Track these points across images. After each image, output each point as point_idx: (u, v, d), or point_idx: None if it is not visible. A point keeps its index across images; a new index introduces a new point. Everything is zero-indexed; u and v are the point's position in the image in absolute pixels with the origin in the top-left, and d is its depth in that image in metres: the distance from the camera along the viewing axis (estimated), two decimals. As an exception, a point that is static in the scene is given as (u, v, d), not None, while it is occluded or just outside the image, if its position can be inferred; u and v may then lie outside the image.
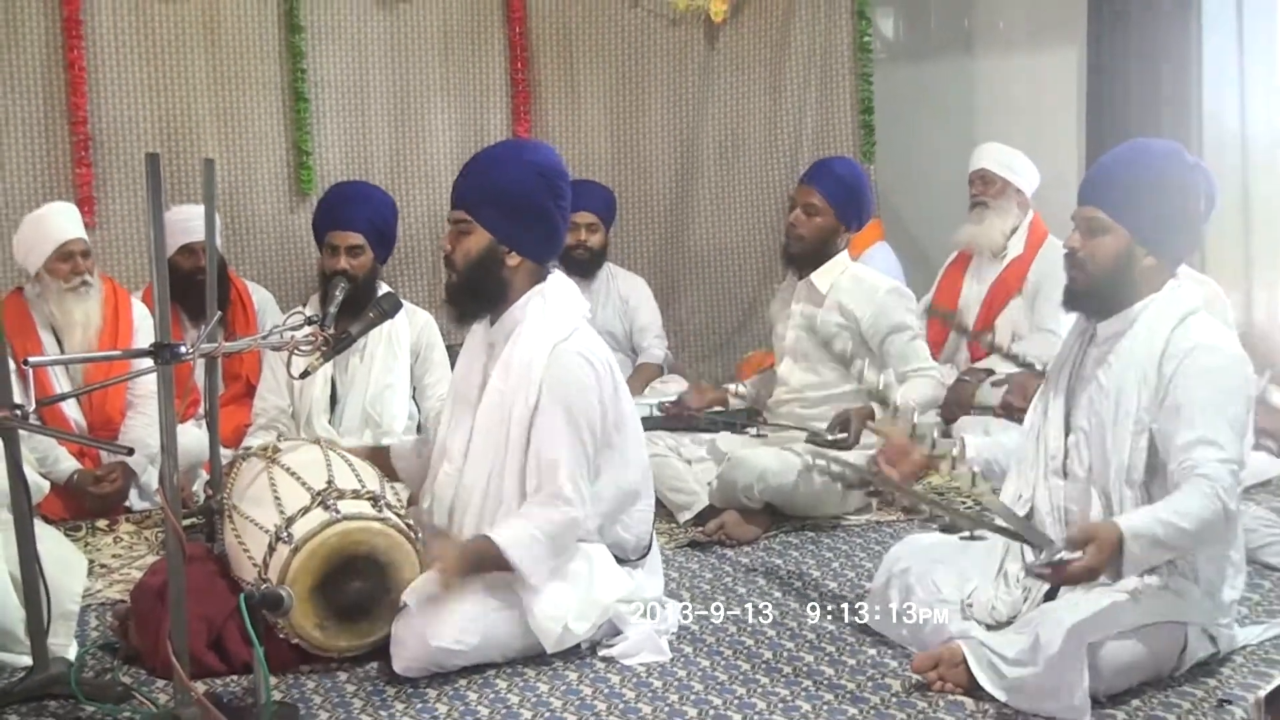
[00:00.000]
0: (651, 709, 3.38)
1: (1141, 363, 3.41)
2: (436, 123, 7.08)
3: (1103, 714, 3.23)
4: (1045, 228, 6.36)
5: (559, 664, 3.67)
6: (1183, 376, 3.33)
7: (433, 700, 3.45)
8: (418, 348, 5.31)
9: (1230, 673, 3.48)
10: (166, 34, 6.50)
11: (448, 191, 3.98)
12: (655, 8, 7.44)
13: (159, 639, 3.42)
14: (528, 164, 3.86)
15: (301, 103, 6.72)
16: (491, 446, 3.79)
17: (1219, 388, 3.30)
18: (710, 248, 7.66)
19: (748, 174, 7.63)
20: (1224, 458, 3.23)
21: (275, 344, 3.70)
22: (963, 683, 3.36)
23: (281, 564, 3.54)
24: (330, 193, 5.55)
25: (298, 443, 4.16)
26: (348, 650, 3.66)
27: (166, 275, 3.17)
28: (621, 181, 7.26)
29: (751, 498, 4.97)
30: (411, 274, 7.00)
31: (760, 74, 7.62)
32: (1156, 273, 3.49)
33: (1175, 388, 3.34)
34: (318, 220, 5.31)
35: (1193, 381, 3.32)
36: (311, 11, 6.76)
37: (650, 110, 7.51)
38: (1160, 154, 3.54)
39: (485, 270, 3.83)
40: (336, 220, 5.16)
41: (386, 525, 3.67)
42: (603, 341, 3.91)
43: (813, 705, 3.37)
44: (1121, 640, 3.28)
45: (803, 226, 5.24)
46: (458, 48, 7.11)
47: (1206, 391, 3.30)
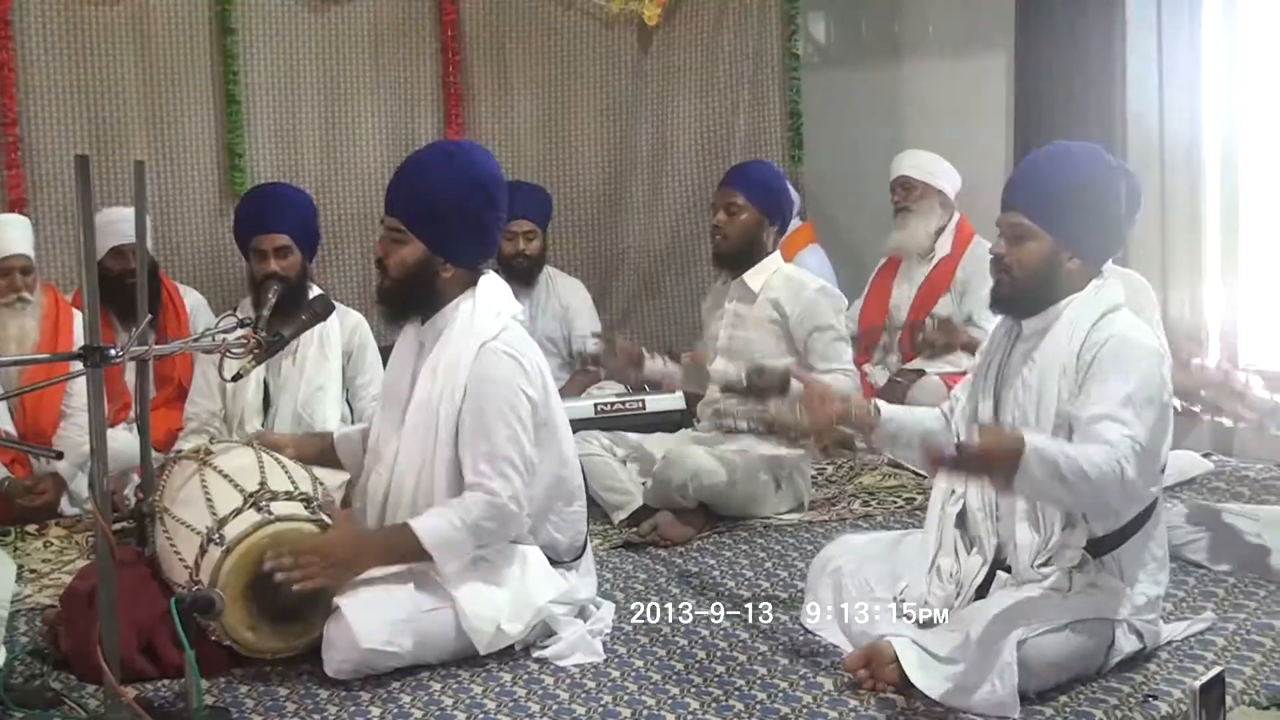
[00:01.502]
0: (585, 710, 3.39)
1: (1061, 358, 3.47)
2: (368, 124, 7.05)
3: (1032, 710, 3.27)
4: (971, 228, 6.48)
5: (493, 665, 3.67)
6: (1096, 365, 3.39)
7: (366, 703, 3.44)
8: (349, 348, 5.29)
9: (1156, 668, 3.54)
10: (97, 36, 6.43)
11: (379, 193, 3.98)
12: (588, 10, 7.43)
13: (89, 644, 3.37)
14: (464, 174, 3.84)
15: (233, 105, 6.67)
16: (420, 445, 3.79)
17: (1129, 374, 3.35)
18: (642, 249, 7.67)
19: (679, 176, 7.65)
20: (1127, 433, 3.26)
21: (207, 347, 3.67)
22: (894, 680, 3.38)
23: (213, 566, 3.53)
24: (248, 198, 5.54)
25: (230, 445, 4.14)
26: (280, 652, 3.64)
27: (96, 278, 3.15)
28: (554, 183, 7.25)
29: (685, 498, 4.99)
30: (343, 275, 6.96)
31: (692, 77, 7.64)
32: (1081, 274, 3.55)
33: (1088, 375, 3.40)
34: (240, 227, 5.27)
35: (1105, 367, 3.38)
36: (243, 14, 6.70)
37: (583, 113, 7.50)
38: (1082, 157, 3.60)
39: (419, 280, 3.83)
40: (260, 224, 5.13)
41: (320, 526, 3.67)
42: (532, 341, 3.92)
43: (745, 704, 3.39)
44: (1050, 637, 3.32)
45: (726, 226, 5.30)
46: (389, 49, 7.08)
47: (1117, 376, 3.35)
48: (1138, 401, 3.32)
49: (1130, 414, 3.30)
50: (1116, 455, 3.20)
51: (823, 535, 4.89)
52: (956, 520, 3.71)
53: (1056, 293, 3.55)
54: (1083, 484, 3.15)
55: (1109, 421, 3.29)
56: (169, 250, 6.54)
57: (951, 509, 3.71)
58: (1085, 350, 3.43)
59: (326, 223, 6.88)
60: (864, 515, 5.24)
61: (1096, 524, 3.47)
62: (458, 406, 3.74)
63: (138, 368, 3.99)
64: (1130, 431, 3.27)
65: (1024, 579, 3.50)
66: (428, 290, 3.85)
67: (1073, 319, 3.50)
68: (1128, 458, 3.22)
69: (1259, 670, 3.52)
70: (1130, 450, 3.24)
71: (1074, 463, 3.14)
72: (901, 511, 5.27)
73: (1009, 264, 3.57)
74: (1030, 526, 3.51)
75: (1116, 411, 3.30)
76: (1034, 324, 3.59)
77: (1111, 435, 3.25)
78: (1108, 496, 3.28)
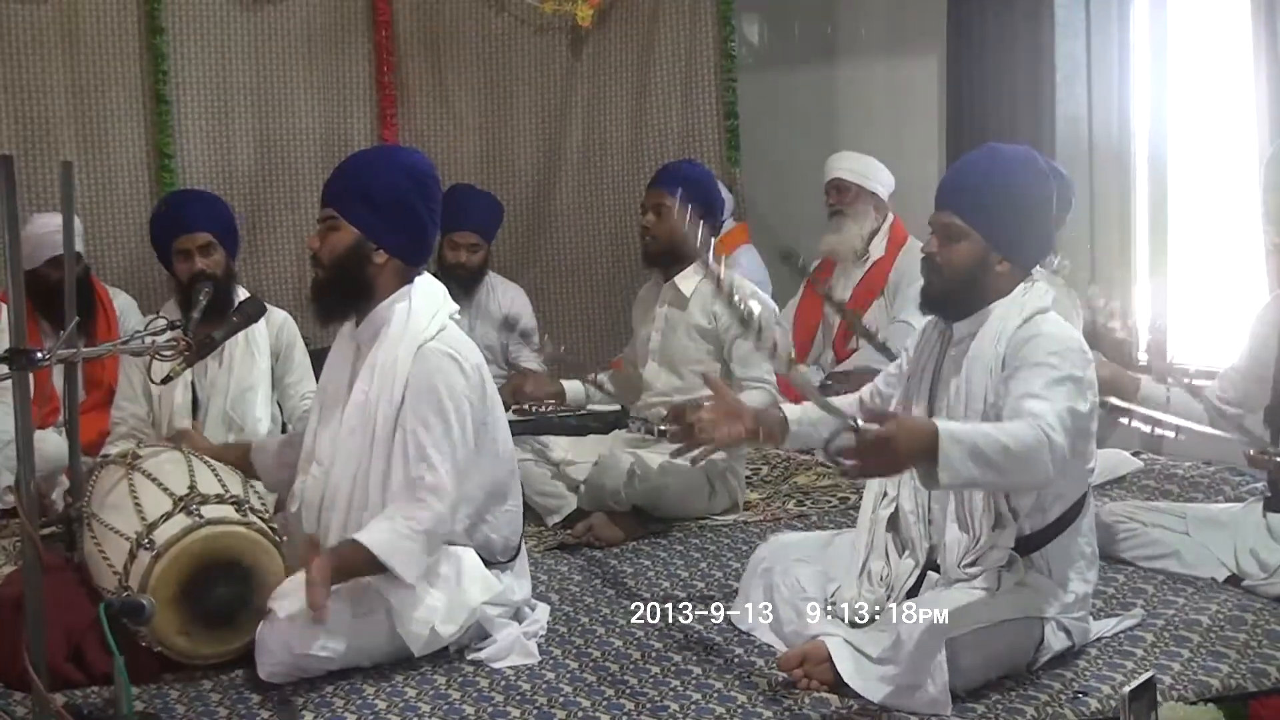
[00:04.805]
0: (520, 712, 3.38)
1: (988, 360, 3.50)
2: (301, 125, 7.01)
3: (964, 708, 3.29)
4: (905, 230, 6.51)
5: (427, 668, 3.65)
6: (1020, 360, 3.41)
7: (299, 707, 3.41)
8: (277, 348, 5.23)
9: (1086, 665, 3.56)
10: (23, 35, 6.38)
11: (312, 194, 3.98)
12: (521, 13, 7.44)
13: (16, 650, 3.33)
14: (398, 164, 3.89)
15: (163, 105, 6.62)
16: (357, 448, 3.77)
17: (1054, 364, 3.36)
18: (576, 251, 7.68)
19: (613, 178, 7.66)
20: (1053, 407, 3.25)
21: (136, 349, 3.63)
22: (828, 680, 3.39)
23: (143, 571, 3.49)
24: (163, 205, 5.46)
25: (158, 448, 4.10)
26: (212, 658, 3.61)
27: (22, 279, 3.12)
28: (489, 184, 7.23)
29: (619, 500, 4.99)
30: (275, 278, 6.92)
31: (626, 79, 7.65)
32: (1009, 277, 3.59)
33: (1014, 368, 3.41)
34: (158, 231, 5.17)
35: (1028, 360, 3.39)
36: (173, 13, 6.66)
37: (517, 114, 7.51)
38: (1015, 161, 3.63)
39: (351, 266, 3.81)
40: (180, 225, 5.04)
41: (251, 530, 3.64)
42: (470, 341, 3.91)
43: (680, 705, 3.39)
44: (979, 635, 3.33)
45: (655, 227, 5.33)
46: (322, 50, 7.05)
47: (1041, 365, 3.36)
48: (1061, 382, 3.33)
49: (1055, 394, 3.30)
50: (1040, 424, 3.18)
51: (757, 535, 4.91)
52: (888, 523, 3.74)
53: (986, 294, 3.58)
54: (1007, 460, 3.10)
55: (1031, 399, 3.28)
56: (97, 252, 6.48)
57: (883, 512, 3.73)
58: (1010, 352, 3.45)
59: (259, 224, 6.86)
60: (798, 515, 5.26)
61: (1025, 521, 3.49)
62: (396, 407, 3.73)
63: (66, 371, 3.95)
64: (1055, 407, 3.26)
65: (953, 578, 3.53)
66: (360, 279, 3.82)
67: (1000, 322, 3.52)
68: (1053, 426, 3.19)
69: (1187, 666, 3.55)
70: (1056, 419, 3.21)
71: (992, 440, 3.09)
72: (836, 511, 5.29)
73: (939, 264, 3.60)
74: (959, 527, 3.54)
75: (1040, 390, 3.30)
76: (963, 328, 3.62)
77: (1037, 410, 3.23)
78: (1037, 469, 3.19)
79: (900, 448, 3.01)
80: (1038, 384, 3.33)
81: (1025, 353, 3.42)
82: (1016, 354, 3.44)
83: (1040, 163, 3.66)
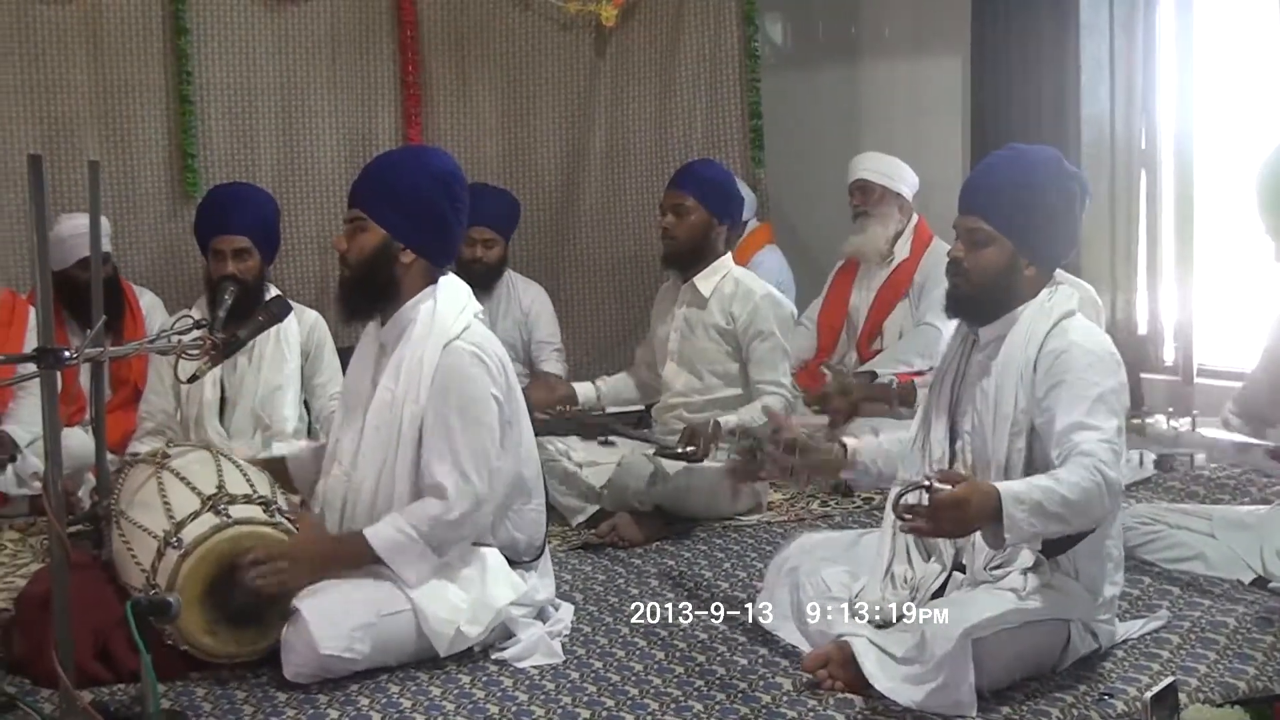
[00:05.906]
0: (545, 711, 3.38)
1: (1018, 365, 3.49)
2: (325, 125, 7.01)
3: (988, 709, 3.28)
4: (930, 231, 6.47)
5: (452, 667, 3.66)
6: (1058, 372, 3.41)
7: (324, 706, 3.42)
8: (307, 347, 5.25)
9: (1111, 667, 3.56)
10: (48, 36, 6.39)
11: (337, 194, 4.00)
12: (546, 12, 7.43)
13: (44, 648, 3.35)
14: (425, 167, 3.91)
15: (186, 105, 6.63)
16: (381, 447, 3.78)
17: (1092, 379, 3.38)
18: (600, 251, 7.66)
19: (637, 178, 7.64)
20: (1101, 437, 3.29)
21: (163, 348, 3.64)
22: (852, 681, 3.39)
23: (170, 570, 3.50)
24: (210, 196, 5.46)
25: (187, 447, 4.11)
26: (238, 656, 3.62)
27: (50, 278, 3.13)
28: (513, 184, 7.23)
29: (642, 501, 4.99)
30: (300, 277, 6.92)
31: (650, 79, 7.64)
32: (1035, 280, 3.58)
33: (1051, 384, 3.42)
34: (200, 225, 5.21)
35: (1068, 376, 3.40)
36: (197, 14, 6.67)
37: (541, 114, 7.49)
38: (1042, 164, 3.61)
39: (378, 266, 3.83)
40: (220, 225, 5.06)
41: (278, 530, 3.65)
42: (495, 338, 3.92)
43: (705, 705, 3.39)
44: (1005, 636, 3.32)
45: (675, 228, 5.33)
46: (346, 50, 7.05)
47: (1081, 383, 3.37)
48: (1104, 403, 3.35)
49: (1100, 417, 3.32)
50: (1094, 464, 3.22)
51: (781, 535, 4.91)
52: (912, 529, 3.73)
53: (1012, 299, 3.57)
54: (1068, 510, 3.17)
55: (1082, 430, 3.31)
56: (122, 250, 6.48)
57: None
58: (1043, 358, 3.45)
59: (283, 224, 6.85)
60: (822, 515, 5.26)
61: None
62: (421, 407, 3.74)
63: (92, 370, 3.96)
64: (1104, 435, 3.29)
65: (979, 580, 3.52)
66: (387, 279, 3.84)
67: (1028, 326, 3.52)
68: (1106, 461, 3.24)
69: (1213, 668, 3.54)
70: (1109, 453, 3.26)
71: (1052, 493, 3.15)
72: (860, 511, 5.29)
73: (967, 269, 3.59)
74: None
75: (1086, 419, 3.32)
76: (990, 332, 3.61)
77: (1088, 445, 3.27)
78: (1096, 510, 3.27)
79: (972, 511, 3.07)
80: (1080, 409, 3.34)
81: (1060, 367, 3.42)
82: (1051, 367, 3.43)
83: (1065, 165, 3.65)
